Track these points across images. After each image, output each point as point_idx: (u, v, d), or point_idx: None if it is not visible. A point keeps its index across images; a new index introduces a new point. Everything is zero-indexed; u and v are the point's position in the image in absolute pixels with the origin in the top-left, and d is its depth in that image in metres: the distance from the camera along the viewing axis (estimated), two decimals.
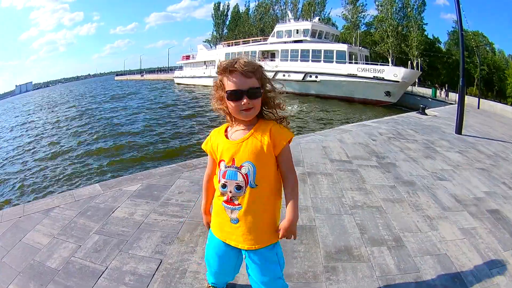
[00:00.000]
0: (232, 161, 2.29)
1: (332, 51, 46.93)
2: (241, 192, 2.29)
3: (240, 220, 2.34)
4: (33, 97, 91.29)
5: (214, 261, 2.63)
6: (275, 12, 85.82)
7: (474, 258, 3.84)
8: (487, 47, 64.39)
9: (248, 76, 2.20)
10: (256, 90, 2.23)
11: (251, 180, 2.27)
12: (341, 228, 4.28)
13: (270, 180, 2.36)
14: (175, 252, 3.66)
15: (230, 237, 2.42)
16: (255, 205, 2.32)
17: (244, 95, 2.19)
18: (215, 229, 2.54)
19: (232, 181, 2.30)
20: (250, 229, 2.35)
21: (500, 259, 3.88)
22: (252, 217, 2.33)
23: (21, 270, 3.44)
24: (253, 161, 2.26)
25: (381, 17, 62.77)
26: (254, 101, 2.23)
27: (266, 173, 2.32)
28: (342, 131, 9.90)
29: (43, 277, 3.32)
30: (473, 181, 6.56)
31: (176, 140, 21.13)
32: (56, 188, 13.77)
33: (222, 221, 2.44)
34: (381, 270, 3.49)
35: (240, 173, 2.27)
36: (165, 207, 4.66)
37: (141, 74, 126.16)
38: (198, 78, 68.28)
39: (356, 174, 6.22)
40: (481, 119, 19.88)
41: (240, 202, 2.31)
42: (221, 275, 2.78)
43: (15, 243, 3.92)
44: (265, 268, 2.43)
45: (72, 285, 3.19)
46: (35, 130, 29.84)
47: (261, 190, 2.31)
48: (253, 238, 2.36)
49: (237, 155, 2.28)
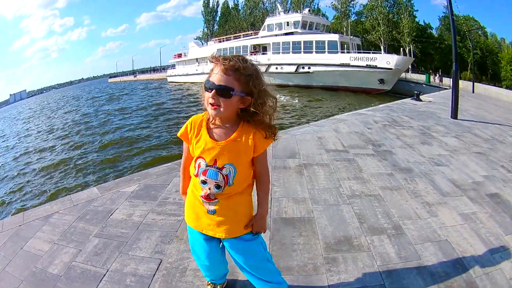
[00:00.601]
0: (214, 162, 2.28)
1: (323, 41, 46.89)
2: (219, 190, 2.31)
3: (217, 212, 2.37)
4: (27, 105, 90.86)
5: (201, 254, 2.64)
6: (265, 5, 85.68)
7: (476, 243, 3.83)
8: (479, 31, 64.47)
9: (227, 74, 2.12)
10: (226, 89, 2.12)
11: (231, 180, 2.29)
12: (339, 218, 4.27)
13: (246, 178, 2.42)
14: (175, 251, 3.65)
15: (207, 228, 2.44)
16: (232, 199, 2.36)
17: (214, 89, 2.13)
18: (190, 220, 2.55)
19: (212, 180, 2.29)
20: (226, 220, 2.39)
21: (501, 243, 3.87)
22: (229, 209, 2.37)
23: (24, 278, 3.44)
24: (234, 163, 2.27)
25: (371, 5, 62.69)
26: (222, 100, 2.14)
27: (245, 173, 2.37)
28: (337, 121, 9.90)
29: (45, 283, 3.31)
30: (471, 165, 6.57)
31: None
32: (55, 192, 13.76)
33: (199, 213, 2.46)
34: (382, 259, 3.48)
35: (221, 173, 2.27)
36: (163, 206, 4.65)
37: (134, 75, 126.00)
38: (191, 76, 68.39)
39: (352, 163, 6.21)
40: (476, 103, 19.93)
41: (217, 197, 2.34)
42: (212, 267, 2.78)
43: (16, 252, 3.91)
44: (248, 252, 2.48)
45: None
46: (29, 137, 29.73)
47: (237, 187, 2.34)
48: (230, 227, 2.40)
49: (220, 157, 2.26)
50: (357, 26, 67.19)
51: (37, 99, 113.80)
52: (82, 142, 22.38)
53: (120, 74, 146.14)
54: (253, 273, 2.52)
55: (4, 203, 13.84)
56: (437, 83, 43.66)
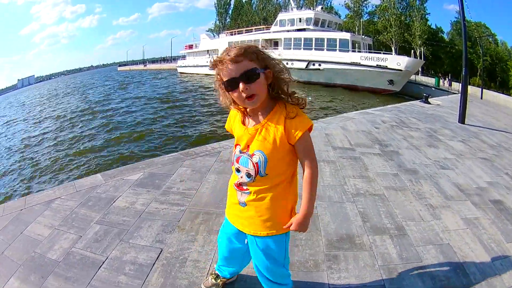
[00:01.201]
0: (246, 148, 2.24)
1: (335, 39, 46.63)
2: (251, 180, 2.25)
3: (247, 205, 2.31)
4: (37, 90, 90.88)
5: (223, 244, 2.62)
6: (278, 1, 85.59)
7: (477, 249, 3.81)
8: (489, 38, 64.16)
9: (238, 61, 2.04)
10: (251, 72, 2.06)
11: (262, 169, 2.21)
12: (343, 216, 4.26)
13: (281, 170, 2.27)
14: (176, 241, 3.65)
15: (237, 221, 2.41)
16: (263, 192, 2.27)
17: (239, 81, 2.06)
18: (227, 210, 2.53)
19: (243, 168, 2.26)
20: (256, 215, 2.31)
21: (503, 251, 3.85)
22: (260, 203, 2.28)
23: (22, 262, 3.45)
24: (264, 151, 2.18)
25: (384, 6, 62.40)
26: (252, 86, 2.07)
27: (278, 163, 2.24)
28: (345, 119, 9.88)
29: (43, 269, 3.32)
30: (476, 170, 6.53)
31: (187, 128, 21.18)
32: (60, 178, 13.86)
33: (232, 204, 2.43)
34: (383, 259, 3.47)
35: (251, 161, 2.22)
36: (166, 196, 4.65)
37: (144, 64, 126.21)
38: (201, 67, 68.18)
39: (358, 161, 6.20)
40: (484, 109, 19.84)
41: (249, 188, 2.28)
42: (230, 260, 2.74)
43: (16, 236, 3.92)
44: (269, 256, 2.39)
45: (72, 276, 3.19)
46: (39, 124, 29.73)
47: (271, 179, 2.24)
48: (256, 224, 2.32)
49: (251, 143, 2.22)
50: (369, 26, 66.95)
51: (46, 85, 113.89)
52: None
53: (130, 63, 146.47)
54: (266, 275, 2.48)
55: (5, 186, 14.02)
56: (446, 87, 43.38)
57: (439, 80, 45.41)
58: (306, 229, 2.34)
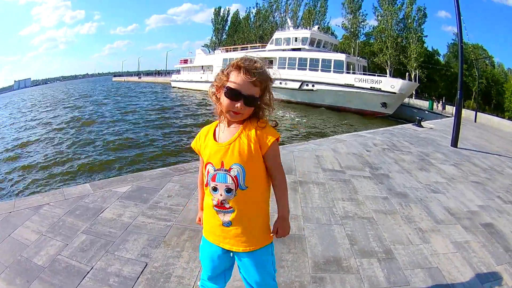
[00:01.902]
0: (221, 164, 2.25)
1: (330, 60, 46.86)
2: (231, 195, 2.25)
3: (233, 223, 2.30)
4: (33, 94, 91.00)
5: (206, 264, 2.57)
6: (275, 19, 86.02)
7: (466, 272, 3.82)
8: (486, 61, 64.84)
9: (255, 84, 2.16)
10: (255, 100, 2.19)
11: (241, 182, 2.23)
12: (330, 238, 4.24)
13: (260, 181, 2.33)
14: (161, 256, 3.62)
15: (223, 241, 2.37)
16: (247, 207, 2.29)
17: (242, 99, 2.16)
18: (207, 233, 2.48)
19: (222, 184, 2.25)
20: (243, 232, 2.31)
21: (492, 273, 3.87)
22: (245, 219, 2.30)
23: (8, 265, 3.45)
24: (241, 163, 2.22)
25: (380, 27, 62.94)
26: (247, 108, 2.19)
27: (256, 174, 2.28)
28: (336, 141, 9.87)
29: (29, 273, 3.32)
30: (467, 194, 6.55)
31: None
32: (49, 184, 13.84)
33: (214, 226, 2.39)
34: (370, 282, 3.45)
35: (230, 175, 2.23)
36: (154, 210, 4.62)
37: (138, 76, 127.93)
38: (195, 83, 68.39)
39: (348, 184, 6.17)
40: (478, 132, 19.99)
41: (232, 205, 2.27)
42: (214, 279, 2.66)
43: (4, 238, 3.92)
44: (260, 269, 2.39)
45: (57, 283, 3.18)
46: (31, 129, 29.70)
47: (251, 192, 2.27)
48: (247, 240, 2.32)
49: (225, 158, 2.23)
50: (365, 47, 67.53)
51: (42, 89, 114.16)
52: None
53: (125, 73, 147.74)
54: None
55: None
56: (439, 110, 43.71)
57: (433, 103, 45.70)
58: (289, 230, 2.48)
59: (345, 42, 69.64)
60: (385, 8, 61.98)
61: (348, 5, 68.81)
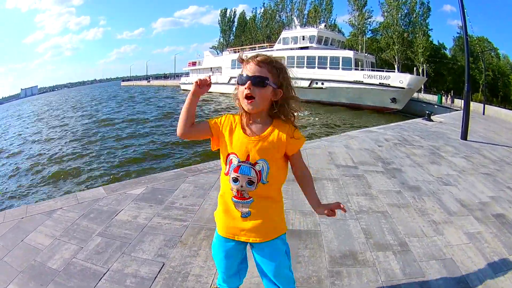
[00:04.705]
0: (246, 157, 2.28)
1: (338, 57, 46.84)
2: (252, 187, 2.29)
3: (252, 213, 2.34)
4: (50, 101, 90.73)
5: (222, 261, 2.58)
6: (281, 18, 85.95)
7: (480, 262, 3.81)
8: (492, 53, 64.39)
9: (260, 66, 2.21)
10: (262, 78, 2.20)
11: (264, 177, 2.28)
12: (346, 233, 4.25)
13: (280, 178, 2.41)
14: (178, 256, 3.64)
15: (240, 233, 2.40)
16: (265, 199, 2.34)
17: (249, 80, 2.20)
18: (222, 229, 2.49)
19: (244, 176, 2.28)
20: (262, 222, 2.35)
21: (505, 263, 3.85)
22: (264, 209, 2.34)
23: (22, 270, 3.44)
24: (268, 159, 2.27)
25: (386, 23, 62.66)
26: (257, 90, 2.21)
27: (278, 171, 2.35)
28: (348, 137, 9.89)
29: (43, 277, 3.32)
30: (478, 186, 6.53)
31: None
32: (60, 189, 13.88)
33: (231, 218, 2.41)
34: (386, 274, 3.45)
35: (254, 169, 2.27)
36: (169, 211, 4.64)
37: (147, 80, 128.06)
38: None
39: (361, 179, 6.19)
40: (486, 125, 19.87)
41: (251, 195, 2.31)
42: (231, 275, 2.68)
43: (16, 243, 3.92)
44: (275, 258, 2.42)
45: (72, 286, 3.19)
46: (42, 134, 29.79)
47: (270, 186, 2.32)
48: (265, 230, 2.36)
49: (252, 151, 2.27)
50: (372, 43, 67.22)
51: (53, 97, 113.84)
52: None
53: (133, 78, 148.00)
54: (274, 280, 2.46)
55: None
56: (448, 104, 43.40)
57: (442, 97, 45.42)
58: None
59: (352, 39, 69.29)
60: (389, 2, 61.73)
61: (354, 1, 68.64)
